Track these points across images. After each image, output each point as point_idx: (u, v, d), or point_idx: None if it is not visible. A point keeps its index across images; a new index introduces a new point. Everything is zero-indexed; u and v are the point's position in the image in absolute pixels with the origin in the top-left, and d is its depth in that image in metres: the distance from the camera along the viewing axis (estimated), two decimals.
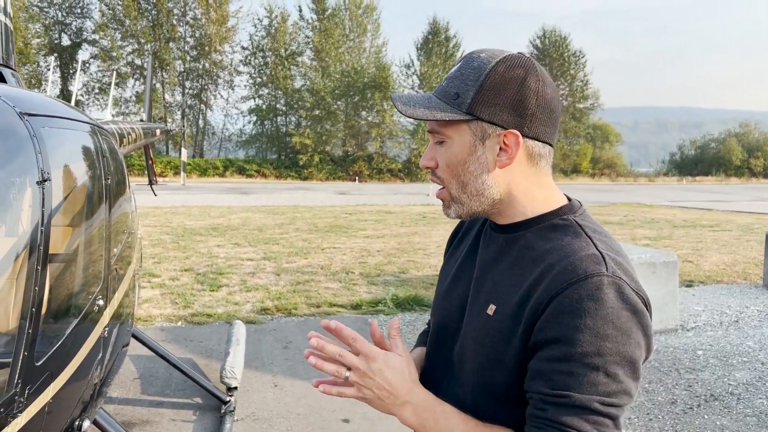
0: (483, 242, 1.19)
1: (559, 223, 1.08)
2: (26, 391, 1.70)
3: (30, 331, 1.71)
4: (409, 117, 1.06)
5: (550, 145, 1.10)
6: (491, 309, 1.06)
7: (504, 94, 1.03)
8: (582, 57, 56.64)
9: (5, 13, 3.13)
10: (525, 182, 1.09)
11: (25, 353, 1.70)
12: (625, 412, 0.99)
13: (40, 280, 1.77)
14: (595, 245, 1.01)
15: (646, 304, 0.99)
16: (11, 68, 3.10)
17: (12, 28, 3.24)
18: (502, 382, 1.05)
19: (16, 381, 1.66)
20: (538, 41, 57.48)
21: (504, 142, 1.05)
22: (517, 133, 1.05)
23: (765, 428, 3.91)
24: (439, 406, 1.06)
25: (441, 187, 1.15)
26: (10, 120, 1.90)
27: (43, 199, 1.85)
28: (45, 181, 1.87)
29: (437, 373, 1.20)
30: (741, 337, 5.90)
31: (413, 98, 1.11)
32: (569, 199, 1.14)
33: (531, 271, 1.03)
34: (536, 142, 1.07)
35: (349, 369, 1.06)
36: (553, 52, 55.86)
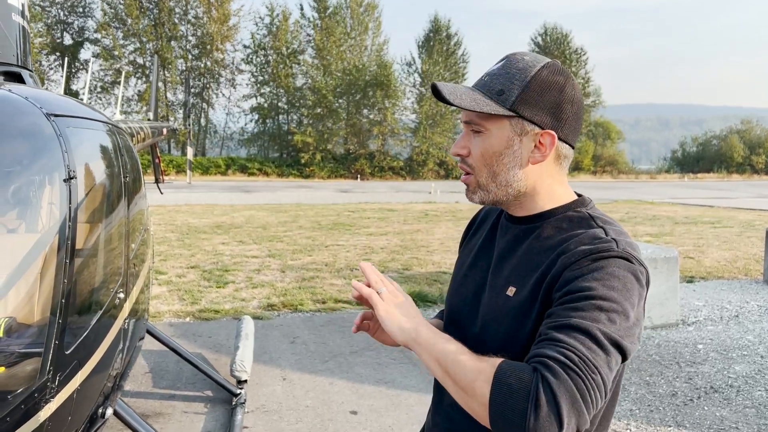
0: (500, 233, 1.28)
1: (573, 216, 1.19)
2: (57, 378, 1.79)
3: (60, 321, 1.80)
4: (455, 105, 1.13)
5: (573, 147, 1.22)
6: (511, 291, 1.16)
7: (545, 97, 1.14)
8: (583, 54, 56.67)
9: (23, 15, 3.22)
10: (549, 179, 1.20)
11: (56, 342, 1.79)
12: (613, 368, 0.98)
13: (68, 273, 1.86)
14: (606, 232, 1.12)
15: (647, 283, 1.09)
16: (29, 69, 3.19)
17: (29, 31, 3.33)
18: (523, 355, 1.11)
19: (48, 368, 1.75)
20: (539, 39, 57.49)
21: (540, 141, 1.16)
22: (554, 134, 1.15)
23: (764, 419, 3.99)
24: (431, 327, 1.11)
25: (467, 173, 1.22)
26: (37, 121, 1.99)
27: (70, 196, 1.94)
28: (71, 178, 1.96)
29: None
30: (741, 332, 5.98)
31: (456, 89, 1.18)
32: (579, 195, 1.25)
33: (548, 255, 1.13)
34: (565, 144, 1.19)
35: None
36: (555, 49, 55.84)
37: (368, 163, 47.33)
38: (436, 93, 1.15)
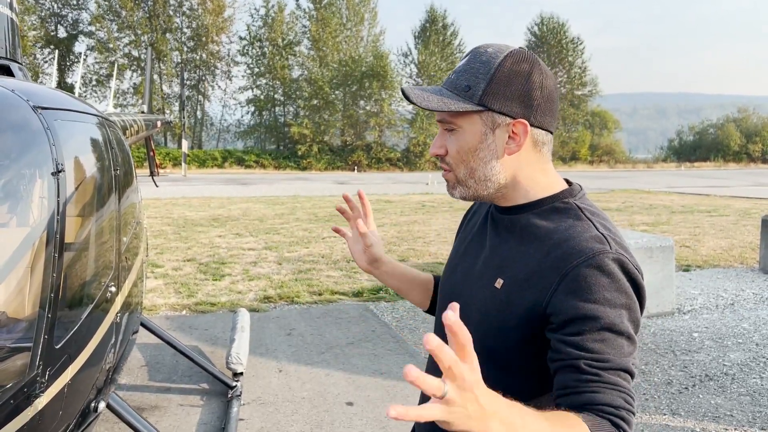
0: (491, 225, 1.28)
1: (560, 206, 1.17)
2: (47, 373, 1.78)
3: (49, 315, 1.79)
4: (424, 108, 1.13)
5: (551, 132, 1.20)
6: (499, 283, 1.16)
7: (512, 87, 1.12)
8: (580, 44, 56.49)
9: (11, 7, 3.19)
10: (529, 168, 1.18)
11: (46, 336, 1.78)
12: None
13: (58, 267, 1.85)
14: (595, 227, 1.11)
15: (642, 277, 1.11)
16: (18, 62, 3.16)
17: (17, 23, 3.30)
18: (502, 348, 1.14)
19: (37, 363, 1.74)
20: (535, 28, 57.29)
21: (513, 131, 1.15)
22: (525, 122, 1.14)
23: (758, 406, 4.01)
24: (517, 406, 0.89)
25: (447, 170, 1.22)
26: (24, 114, 1.97)
27: (58, 189, 1.92)
28: (59, 172, 1.94)
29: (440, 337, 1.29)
30: (736, 320, 6.00)
31: (425, 90, 1.18)
32: (570, 184, 1.23)
33: (537, 249, 1.12)
34: (540, 130, 1.17)
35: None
36: (551, 39, 55.67)
37: (365, 154, 47.25)
38: (406, 98, 1.16)
